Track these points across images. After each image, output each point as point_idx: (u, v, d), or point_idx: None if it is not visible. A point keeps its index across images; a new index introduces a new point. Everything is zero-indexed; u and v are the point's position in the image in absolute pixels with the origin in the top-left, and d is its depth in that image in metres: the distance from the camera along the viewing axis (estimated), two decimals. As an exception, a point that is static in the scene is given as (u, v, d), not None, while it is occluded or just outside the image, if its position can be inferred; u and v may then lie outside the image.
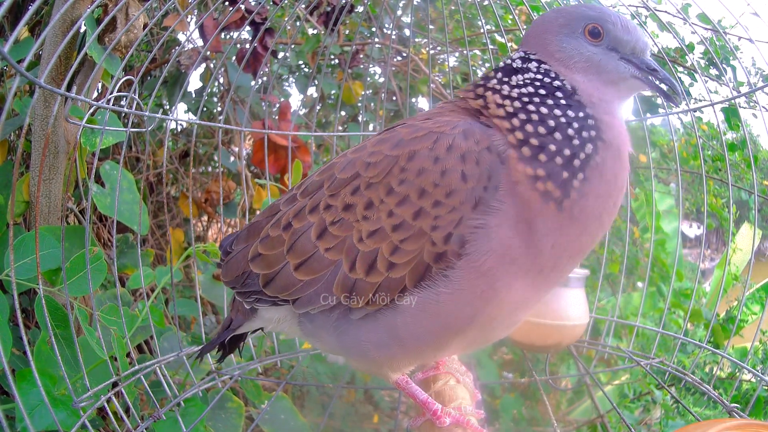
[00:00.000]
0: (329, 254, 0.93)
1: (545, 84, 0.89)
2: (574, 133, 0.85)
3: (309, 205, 0.98)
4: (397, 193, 0.88)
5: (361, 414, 2.94)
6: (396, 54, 2.97)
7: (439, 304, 0.87)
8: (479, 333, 0.95)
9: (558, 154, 0.84)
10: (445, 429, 0.97)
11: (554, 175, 0.83)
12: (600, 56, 0.91)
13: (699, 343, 1.68)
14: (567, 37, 0.92)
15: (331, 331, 0.98)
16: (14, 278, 0.99)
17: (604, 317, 1.75)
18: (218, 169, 2.62)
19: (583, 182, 0.84)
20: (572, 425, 2.82)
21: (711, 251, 4.43)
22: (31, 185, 1.60)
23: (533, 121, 0.85)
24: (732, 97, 1.61)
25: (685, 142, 2.91)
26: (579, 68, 0.91)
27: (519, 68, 0.93)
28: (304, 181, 1.06)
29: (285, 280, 0.97)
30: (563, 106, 0.87)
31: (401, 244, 0.88)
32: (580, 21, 0.91)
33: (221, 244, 1.19)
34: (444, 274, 0.86)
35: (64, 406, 1.09)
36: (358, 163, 0.94)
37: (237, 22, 1.91)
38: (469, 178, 0.84)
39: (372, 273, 0.90)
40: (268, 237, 1.02)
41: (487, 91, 0.93)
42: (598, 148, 0.85)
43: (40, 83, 0.98)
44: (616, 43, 0.91)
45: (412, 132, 0.92)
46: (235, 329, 1.18)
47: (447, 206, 0.85)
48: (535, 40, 0.95)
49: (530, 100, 0.88)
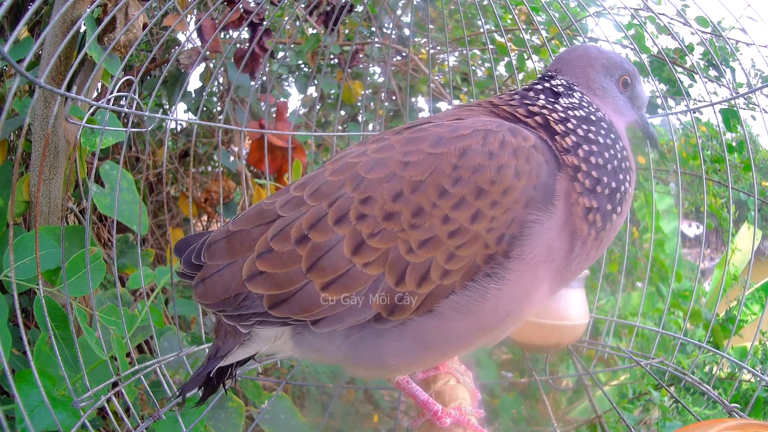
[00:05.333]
0: (369, 269, 0.85)
1: (593, 112, 0.96)
2: (618, 165, 0.92)
3: (333, 213, 0.87)
4: (451, 194, 0.83)
5: (361, 414, 2.94)
6: (396, 54, 2.97)
7: (485, 302, 0.85)
8: (501, 331, 0.95)
9: (608, 186, 0.90)
10: (445, 429, 0.97)
11: (602, 208, 0.89)
12: (623, 104, 1.05)
13: (699, 343, 1.68)
14: (605, 78, 1.03)
15: (341, 341, 0.91)
16: (14, 278, 0.99)
17: (603, 317, 1.75)
18: (218, 169, 2.62)
19: (618, 215, 0.92)
20: (572, 425, 2.83)
21: (710, 251, 4.43)
22: (31, 185, 1.60)
23: (594, 153, 0.90)
24: (731, 97, 1.61)
25: (684, 142, 2.91)
26: (610, 107, 1.03)
27: (563, 93, 0.98)
28: (307, 181, 0.95)
29: (307, 301, 0.87)
30: (612, 137, 0.94)
31: (457, 251, 0.83)
32: (619, 69, 1.04)
33: (178, 249, 1.02)
34: (493, 271, 0.84)
35: (64, 406, 1.09)
36: (392, 163, 0.87)
37: (236, 23, 1.91)
38: (522, 175, 0.84)
39: (424, 284, 0.84)
40: (271, 251, 0.89)
41: (543, 110, 0.95)
42: (630, 179, 0.94)
43: (40, 83, 0.98)
44: (634, 97, 1.07)
45: (453, 130, 0.88)
46: (224, 356, 1.02)
47: (503, 206, 0.83)
48: (576, 71, 1.03)
49: (588, 128, 0.93)
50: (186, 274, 1.00)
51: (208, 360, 1.07)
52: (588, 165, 0.89)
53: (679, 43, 1.84)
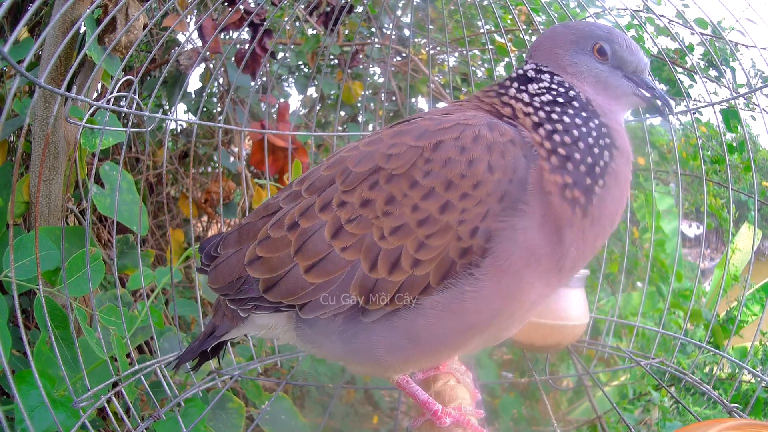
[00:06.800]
0: (346, 254, 0.88)
1: (561, 93, 0.93)
2: (593, 142, 0.89)
3: (319, 202, 0.92)
4: (421, 185, 0.85)
5: (361, 414, 2.94)
6: (396, 54, 2.97)
7: (463, 303, 0.85)
8: (496, 331, 0.95)
9: (582, 162, 0.87)
10: (445, 429, 0.97)
11: (579, 183, 0.86)
12: (606, 73, 0.97)
13: (699, 343, 1.68)
14: (577, 53, 0.97)
15: (336, 336, 0.94)
16: (14, 279, 0.99)
17: (603, 317, 1.75)
18: (218, 170, 2.62)
19: (603, 188, 0.88)
20: (572, 425, 2.83)
21: (711, 251, 4.43)
22: (31, 186, 1.60)
23: (559, 131, 0.88)
24: (731, 97, 1.61)
25: (684, 143, 2.91)
26: (589, 82, 0.97)
27: (533, 78, 0.96)
28: (307, 176, 1.00)
29: (292, 284, 0.92)
30: (583, 116, 0.91)
31: (427, 240, 0.85)
32: (590, 39, 0.97)
33: (202, 247, 1.11)
34: (469, 272, 0.85)
35: (64, 406, 1.09)
36: (377, 156, 0.90)
37: (236, 23, 1.91)
38: (496, 170, 0.83)
39: (395, 271, 0.86)
40: (268, 238, 0.96)
41: (511, 99, 0.94)
42: (613, 155, 0.90)
43: (40, 83, 0.98)
44: (621, 62, 0.97)
45: (436, 123, 0.90)
46: (219, 336, 1.11)
47: (474, 198, 0.83)
48: (546, 54, 0.99)
49: (552, 109, 0.91)
50: (204, 267, 1.07)
51: (205, 337, 1.13)
52: (552, 143, 0.87)
53: (679, 43, 1.84)
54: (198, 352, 1.15)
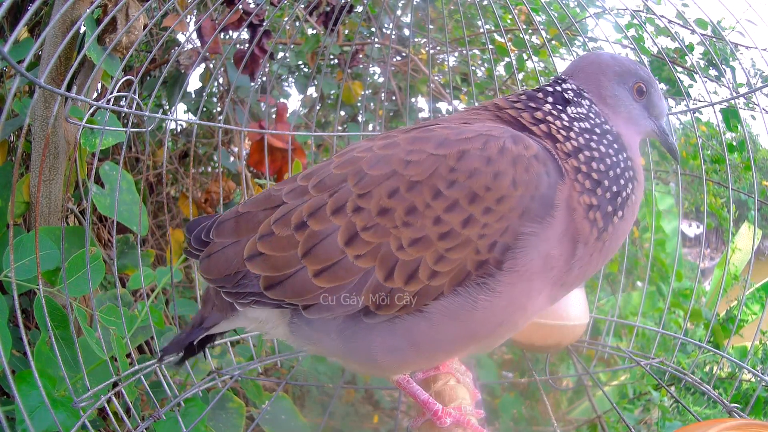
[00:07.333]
0: (360, 261, 0.87)
1: (599, 124, 0.96)
2: (621, 173, 0.93)
3: (331, 204, 0.89)
4: (445, 196, 0.84)
5: (361, 414, 2.94)
6: (395, 54, 2.97)
7: (474, 311, 0.85)
8: (494, 340, 0.95)
9: (609, 189, 0.91)
10: (445, 429, 0.97)
11: (603, 208, 0.90)
12: (638, 112, 1.02)
13: (699, 343, 1.68)
14: (618, 86, 1.01)
15: (335, 334, 0.92)
16: (14, 279, 0.99)
17: (603, 317, 1.75)
18: (218, 170, 2.62)
19: (620, 219, 0.92)
20: (572, 425, 2.83)
21: (711, 251, 4.43)
22: (32, 186, 1.60)
23: (596, 159, 0.92)
24: (731, 97, 1.61)
25: (684, 142, 2.91)
26: (622, 117, 1.01)
27: (571, 100, 0.97)
28: (313, 172, 0.97)
29: (299, 286, 0.90)
30: (615, 147, 0.95)
31: (446, 253, 0.84)
32: (633, 77, 1.01)
33: (189, 228, 1.06)
34: (483, 281, 0.84)
35: (65, 406, 1.09)
36: (394, 160, 0.88)
37: (235, 23, 1.91)
38: (519, 185, 0.84)
39: (411, 282, 0.85)
40: (272, 235, 0.93)
41: (547, 116, 0.95)
42: (634, 188, 0.95)
43: (40, 83, 0.98)
44: (651, 105, 1.03)
45: (457, 132, 0.89)
46: (208, 328, 1.07)
47: (496, 213, 0.83)
48: (588, 78, 1.01)
49: (590, 138, 0.94)
50: (193, 251, 1.03)
51: (192, 328, 1.10)
52: (588, 167, 0.90)
53: (679, 43, 1.84)
54: (184, 345, 1.10)
